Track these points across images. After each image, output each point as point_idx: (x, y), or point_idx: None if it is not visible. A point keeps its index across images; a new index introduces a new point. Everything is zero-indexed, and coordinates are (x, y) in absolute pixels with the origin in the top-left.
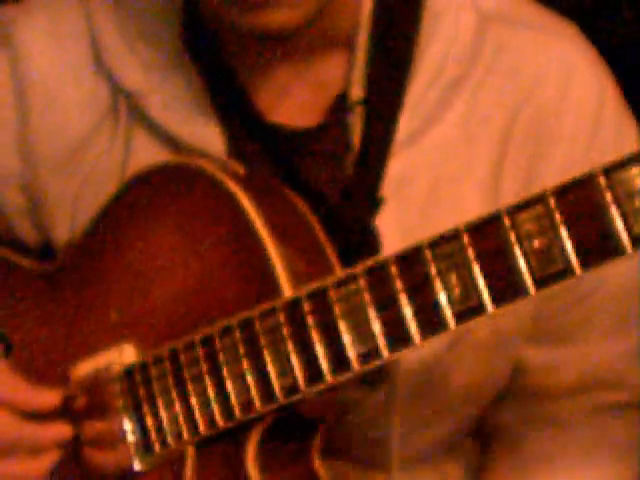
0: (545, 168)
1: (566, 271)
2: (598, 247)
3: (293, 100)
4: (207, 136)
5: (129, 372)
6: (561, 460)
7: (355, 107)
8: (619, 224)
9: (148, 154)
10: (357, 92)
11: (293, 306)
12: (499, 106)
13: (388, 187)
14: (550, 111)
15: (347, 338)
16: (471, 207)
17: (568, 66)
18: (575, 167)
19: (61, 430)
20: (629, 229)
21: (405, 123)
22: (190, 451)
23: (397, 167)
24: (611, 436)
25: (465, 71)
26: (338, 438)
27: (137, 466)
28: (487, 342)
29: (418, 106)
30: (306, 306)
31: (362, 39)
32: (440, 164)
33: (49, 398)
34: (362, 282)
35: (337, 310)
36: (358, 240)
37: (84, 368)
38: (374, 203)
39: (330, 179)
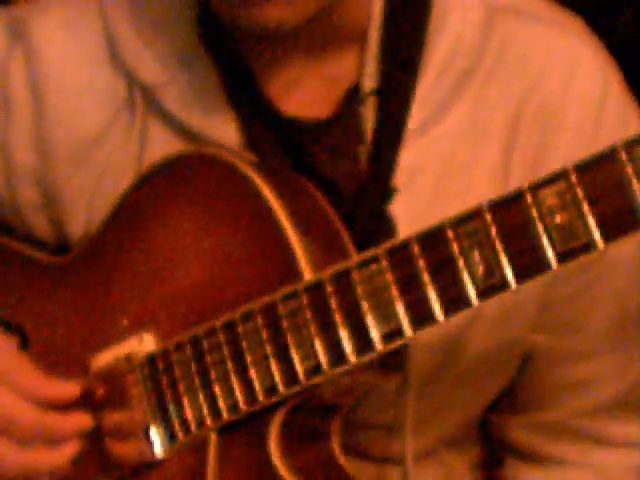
0: (551, 158)
1: (589, 245)
2: (620, 221)
3: (306, 92)
4: (222, 128)
5: (150, 360)
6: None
7: (367, 99)
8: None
9: (164, 147)
10: (369, 84)
11: (315, 288)
12: (507, 97)
13: (400, 177)
14: (555, 102)
15: (370, 318)
16: (481, 195)
17: (573, 58)
18: (580, 155)
19: (81, 420)
20: None
21: (416, 114)
22: (213, 437)
23: (409, 157)
24: (610, 437)
25: (474, 63)
26: (352, 430)
27: (159, 454)
28: (494, 333)
29: (429, 97)
30: (328, 288)
31: (374, 32)
32: (450, 154)
33: (69, 389)
34: (384, 262)
35: (360, 291)
36: (373, 229)
37: (104, 358)
38: (387, 193)
39: (343, 170)
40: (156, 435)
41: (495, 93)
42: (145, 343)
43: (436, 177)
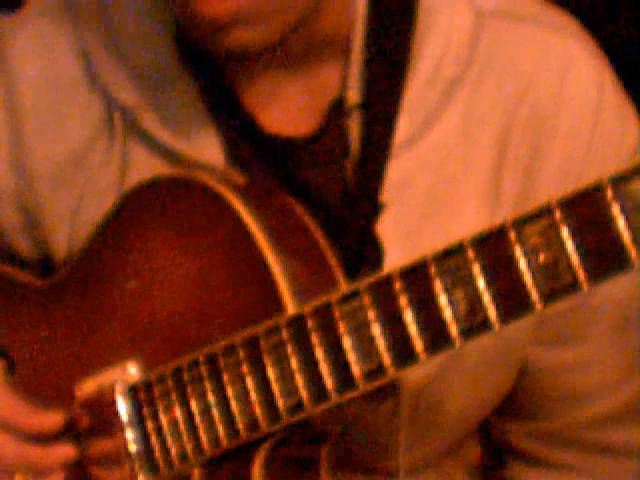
0: (544, 165)
1: (573, 286)
2: (605, 261)
3: (289, 107)
4: (205, 148)
5: (133, 391)
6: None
7: (352, 111)
8: (627, 237)
9: (146, 167)
10: (354, 96)
11: (297, 323)
12: (497, 105)
13: (388, 191)
14: (548, 107)
15: (352, 356)
16: (471, 208)
17: (565, 60)
18: (574, 163)
19: (65, 452)
20: (637, 242)
21: (403, 126)
22: (196, 472)
23: (396, 171)
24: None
25: (462, 71)
26: (344, 449)
27: None
28: (492, 347)
29: (416, 108)
30: (310, 323)
31: (357, 42)
32: (439, 166)
33: (52, 419)
34: (366, 298)
35: (341, 327)
36: (360, 246)
37: (88, 387)
38: (375, 208)
39: (330, 185)
40: (138, 466)
41: (485, 102)
42: (128, 372)
43: (425, 191)
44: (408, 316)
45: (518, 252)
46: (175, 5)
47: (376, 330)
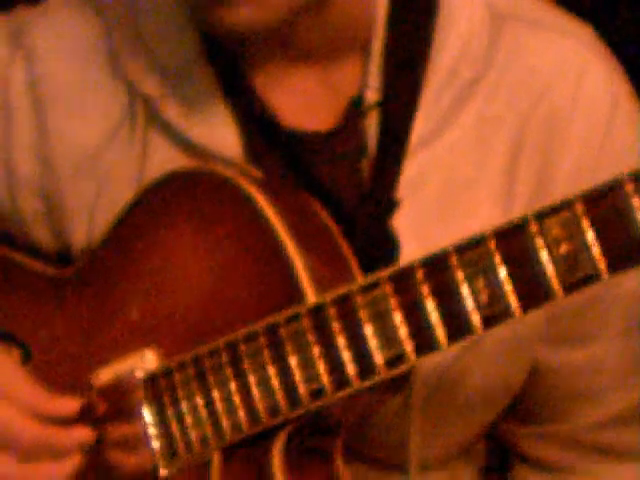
0: (557, 170)
1: (593, 276)
2: (625, 252)
3: (308, 103)
4: (224, 140)
5: (152, 378)
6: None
7: (371, 110)
8: None
9: (165, 159)
10: (372, 95)
11: (318, 312)
12: (512, 108)
13: (403, 189)
14: (562, 113)
15: (373, 343)
16: (485, 209)
17: (581, 68)
18: (586, 170)
19: (83, 433)
20: None
21: (420, 125)
22: (216, 457)
23: (412, 169)
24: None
25: (479, 73)
26: (358, 441)
27: (162, 471)
28: (503, 344)
29: (433, 108)
30: (331, 311)
31: (377, 42)
32: (454, 166)
33: (69, 404)
34: (387, 287)
35: (363, 315)
36: (376, 242)
37: (106, 375)
38: (390, 205)
39: (346, 182)
40: (158, 452)
41: (500, 104)
42: (147, 360)
43: (439, 190)
44: (430, 305)
45: (540, 243)
46: None
47: (397, 318)
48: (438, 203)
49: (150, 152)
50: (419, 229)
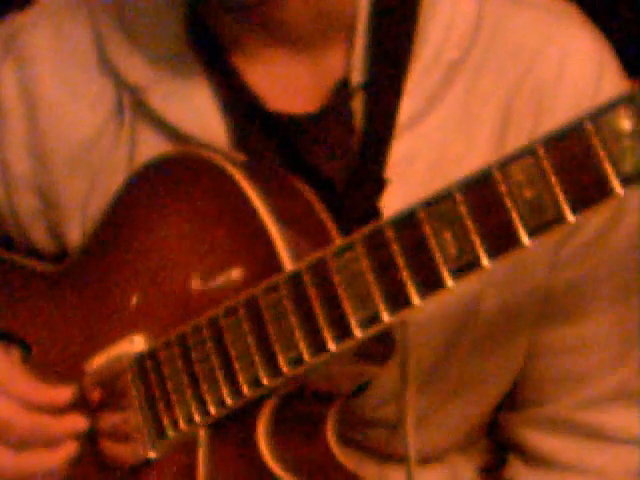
0: None
1: (557, 219)
2: (589, 191)
3: (294, 87)
4: (210, 127)
5: (139, 360)
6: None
7: (356, 92)
8: (608, 166)
9: (153, 149)
10: (358, 77)
11: (294, 279)
12: (499, 84)
13: (392, 169)
14: (547, 87)
15: (348, 305)
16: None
17: (566, 44)
18: None
19: (76, 421)
20: (618, 170)
21: (407, 105)
22: (202, 434)
23: (400, 149)
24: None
25: (464, 52)
26: (355, 425)
27: (151, 454)
28: (499, 324)
29: (419, 88)
30: (306, 278)
31: (361, 23)
32: (443, 144)
33: (62, 394)
34: (359, 249)
35: (337, 279)
36: (364, 221)
37: (97, 361)
38: (379, 185)
39: (335, 164)
40: (148, 435)
41: (487, 82)
42: (136, 344)
43: (428, 168)
44: (400, 262)
45: (504, 190)
46: None
47: (370, 278)
48: (427, 182)
49: (139, 143)
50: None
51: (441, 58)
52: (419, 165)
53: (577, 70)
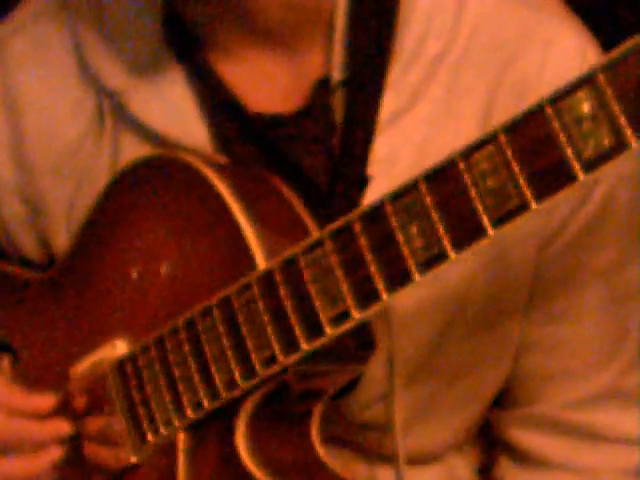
0: None
1: (521, 207)
2: (551, 177)
3: (274, 86)
4: (191, 131)
5: (120, 364)
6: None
7: (337, 89)
8: (569, 151)
9: (135, 153)
10: (338, 74)
11: (266, 278)
12: (481, 79)
13: (375, 165)
14: (530, 81)
15: (318, 303)
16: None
17: (548, 36)
18: None
19: (59, 426)
20: (579, 154)
21: (388, 102)
22: (181, 437)
23: (383, 146)
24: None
25: (446, 46)
26: (344, 427)
27: (134, 459)
28: (484, 319)
29: (400, 84)
30: (278, 276)
31: (340, 19)
32: (425, 140)
33: (44, 400)
34: (328, 245)
35: (307, 276)
36: None
37: (81, 367)
38: (361, 182)
39: (317, 162)
40: (130, 440)
41: (469, 76)
42: (118, 349)
43: (411, 165)
44: (368, 257)
45: (467, 180)
46: None
47: (339, 274)
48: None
49: (121, 148)
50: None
51: (422, 53)
52: (402, 162)
53: (560, 63)
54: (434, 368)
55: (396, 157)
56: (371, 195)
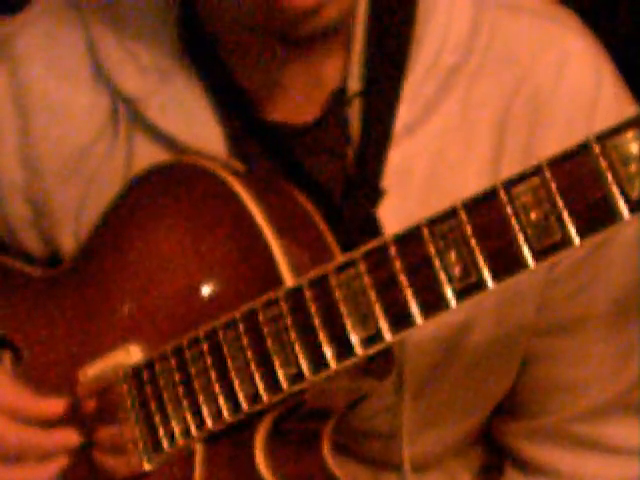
0: (542, 150)
1: (564, 242)
2: (595, 215)
3: (291, 96)
4: (207, 137)
5: (136, 372)
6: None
7: (353, 100)
8: (615, 190)
9: (150, 158)
10: (355, 85)
11: (295, 295)
12: (496, 91)
13: (389, 178)
14: (545, 95)
15: (349, 323)
16: (472, 192)
17: (564, 51)
18: None
19: (67, 436)
20: (625, 195)
21: (403, 114)
22: (199, 448)
23: (397, 158)
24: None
25: (462, 59)
26: (349, 435)
27: (147, 467)
28: (494, 334)
29: (416, 96)
30: (307, 294)
31: (359, 32)
32: (440, 153)
33: (54, 405)
34: (362, 266)
35: (338, 295)
36: (362, 232)
37: (92, 371)
38: (376, 194)
39: (332, 173)
40: (143, 447)
41: (484, 89)
42: (132, 355)
43: (425, 177)
44: (403, 280)
45: (509, 211)
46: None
47: (372, 296)
48: (424, 190)
49: (135, 153)
50: (406, 217)
51: (438, 64)
52: (416, 173)
53: (575, 77)
54: (442, 381)
55: (410, 169)
56: (386, 207)
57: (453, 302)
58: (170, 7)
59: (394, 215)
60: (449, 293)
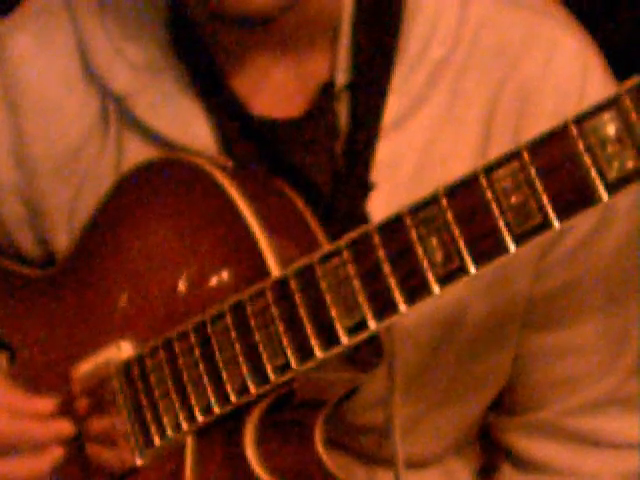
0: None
1: (544, 225)
2: (574, 197)
3: (279, 90)
4: (196, 134)
5: (126, 366)
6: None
7: (341, 93)
8: (593, 172)
9: (140, 156)
10: (342, 78)
11: (281, 286)
12: (483, 83)
13: (378, 171)
14: (532, 84)
15: (334, 312)
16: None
17: (551, 43)
18: None
19: (61, 427)
20: (603, 176)
21: (392, 107)
22: (189, 441)
23: (385, 151)
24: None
25: (449, 51)
26: (343, 430)
27: (138, 461)
28: (485, 325)
29: (404, 89)
30: (293, 284)
31: (346, 25)
32: (428, 145)
33: (46, 403)
34: (346, 255)
35: (323, 285)
36: (350, 225)
37: (84, 367)
38: (364, 188)
39: (320, 166)
40: (135, 442)
41: (472, 81)
42: (123, 350)
43: (414, 170)
44: (386, 268)
45: (489, 196)
46: None
47: (356, 285)
48: (414, 183)
49: (125, 151)
50: (394, 210)
51: (426, 57)
52: (405, 167)
53: (562, 70)
54: (433, 377)
55: (399, 162)
56: (375, 201)
57: (436, 288)
58: (159, 6)
59: (383, 208)
60: (432, 279)
